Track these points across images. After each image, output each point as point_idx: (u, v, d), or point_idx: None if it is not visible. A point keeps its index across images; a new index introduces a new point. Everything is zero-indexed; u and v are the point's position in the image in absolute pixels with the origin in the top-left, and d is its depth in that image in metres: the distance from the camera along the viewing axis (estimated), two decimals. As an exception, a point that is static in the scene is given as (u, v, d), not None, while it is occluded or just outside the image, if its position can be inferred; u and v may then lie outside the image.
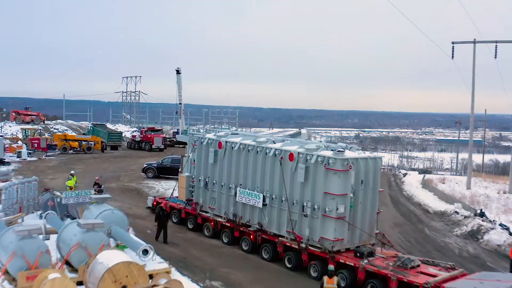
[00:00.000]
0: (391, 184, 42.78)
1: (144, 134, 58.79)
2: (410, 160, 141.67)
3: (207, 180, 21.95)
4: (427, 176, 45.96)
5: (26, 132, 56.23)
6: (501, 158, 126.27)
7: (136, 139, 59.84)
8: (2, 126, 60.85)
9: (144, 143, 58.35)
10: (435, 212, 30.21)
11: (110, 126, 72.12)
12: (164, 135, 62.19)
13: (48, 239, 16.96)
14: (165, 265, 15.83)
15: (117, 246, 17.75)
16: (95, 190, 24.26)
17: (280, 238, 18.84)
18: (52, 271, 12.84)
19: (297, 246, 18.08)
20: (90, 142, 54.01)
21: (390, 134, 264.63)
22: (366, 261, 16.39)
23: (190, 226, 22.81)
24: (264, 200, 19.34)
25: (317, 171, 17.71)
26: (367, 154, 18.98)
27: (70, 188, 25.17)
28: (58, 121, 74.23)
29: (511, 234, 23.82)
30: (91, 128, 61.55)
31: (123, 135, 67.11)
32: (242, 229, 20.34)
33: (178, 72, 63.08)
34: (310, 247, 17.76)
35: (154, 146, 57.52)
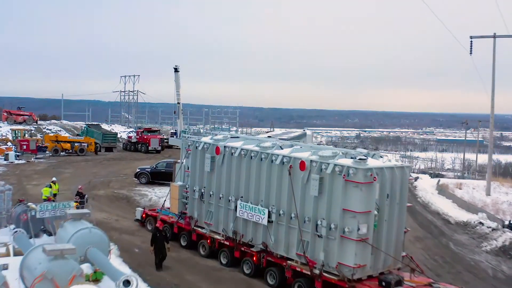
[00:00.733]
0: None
1: (140, 135, 55.62)
2: (411, 160, 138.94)
3: (203, 191, 18.78)
4: (441, 180, 42.74)
5: (16, 133, 53.07)
6: (502, 158, 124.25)
7: (132, 140, 56.66)
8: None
9: (140, 145, 55.16)
10: (457, 222, 27.04)
11: (105, 126, 68.92)
12: (161, 136, 59.00)
13: (6, 269, 13.85)
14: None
15: (94, 273, 14.70)
16: (76, 202, 21.11)
17: (288, 262, 15.68)
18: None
19: (309, 272, 14.93)
20: (83, 144, 50.83)
21: (391, 134, 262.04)
22: (395, 293, 13.29)
23: (183, 243, 19.62)
24: (269, 216, 16.20)
25: (334, 183, 14.57)
26: (393, 162, 15.77)
27: (47, 198, 21.99)
28: (52, 121, 71.08)
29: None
30: (85, 128, 58.34)
31: (119, 136, 63.96)
32: (243, 249, 17.17)
33: (176, 70, 60.01)
34: (325, 274, 14.61)
35: (150, 148, 54.33)
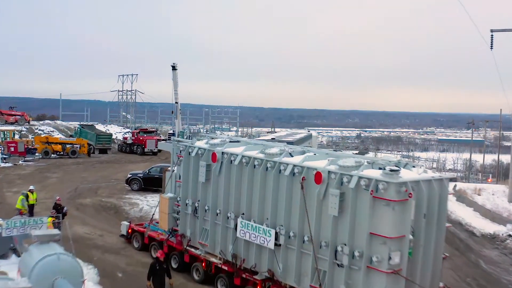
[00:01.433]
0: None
1: (136, 136, 52.56)
2: (412, 160, 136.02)
3: (197, 205, 15.74)
4: (457, 184, 39.61)
5: (5, 134, 50.01)
6: (503, 158, 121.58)
7: (127, 142, 53.62)
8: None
9: (136, 146, 52.11)
10: (483, 235, 24.00)
11: (101, 127, 65.79)
12: (158, 137, 55.96)
13: None
14: None
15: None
16: (52, 216, 18.07)
17: (300, 295, 12.69)
18: None
19: (326, 309, 11.94)
20: (75, 145, 47.80)
21: (392, 134, 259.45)
22: None
23: (174, 265, 16.53)
24: (277, 238, 13.17)
25: (358, 201, 11.56)
26: (430, 173, 12.69)
27: (20, 211, 18.96)
28: (46, 121, 68.05)
29: None
30: (79, 129, 55.24)
31: (115, 137, 60.92)
32: (245, 276, 14.12)
33: (174, 68, 56.93)
34: (346, 312, 11.63)
35: (146, 150, 51.28)
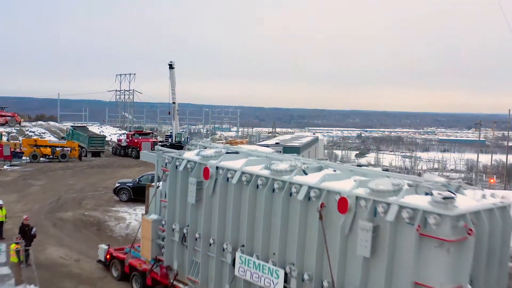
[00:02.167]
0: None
1: (130, 138, 49.45)
2: (414, 160, 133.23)
3: (186, 231, 12.63)
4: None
5: (-8, 136, 46.93)
6: (503, 158, 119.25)
7: (122, 144, 50.50)
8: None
9: (130, 149, 49.02)
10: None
11: (95, 128, 62.71)
12: (154, 139, 52.91)
13: None
14: None
15: None
16: (17, 243, 14.97)
17: None
18: None
19: None
20: (65, 149, 44.70)
21: (392, 134, 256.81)
22: None
23: (160, 303, 13.47)
24: (286, 280, 10.08)
25: (398, 238, 8.50)
26: (490, 199, 9.54)
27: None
28: (39, 122, 65.03)
29: None
30: (71, 131, 52.09)
31: (109, 139, 57.87)
32: (245, 324, 11.05)
33: (171, 66, 53.92)
34: None
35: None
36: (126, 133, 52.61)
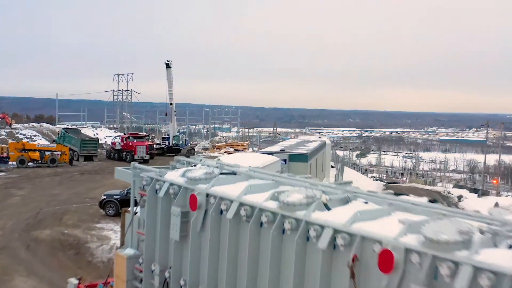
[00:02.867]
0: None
1: (124, 142, 46.52)
2: (415, 161, 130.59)
3: (168, 275, 9.65)
4: (487, 197, 33.66)
5: (-23, 140, 44.13)
6: (507, 158, 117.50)
7: (116, 148, 47.57)
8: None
9: (125, 153, 46.11)
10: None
11: (89, 130, 59.77)
12: (150, 142, 50.07)
13: None
14: None
15: None
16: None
17: None
18: None
19: None
20: (54, 153, 41.83)
21: (393, 134, 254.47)
22: None
23: None
24: None
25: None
26: None
27: None
28: (31, 124, 62.12)
29: None
30: (62, 134, 49.15)
31: (104, 142, 54.97)
32: None
33: (168, 65, 51.20)
34: None
35: (136, 157, 45.20)
36: (121, 136, 49.67)
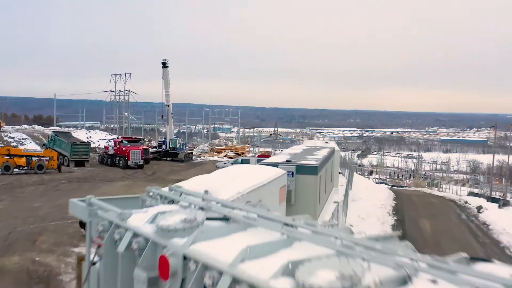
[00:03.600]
0: (471, 228, 27.30)
1: (118, 146, 43.34)
2: (416, 162, 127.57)
3: None
4: (509, 208, 30.54)
5: (-40, 144, 40.99)
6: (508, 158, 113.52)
7: (109, 152, 44.37)
8: None
9: (118, 158, 42.95)
10: None
11: (82, 133, 56.59)
12: (145, 146, 46.90)
13: None
14: None
15: None
16: None
17: None
18: None
19: None
20: (42, 158, 38.69)
21: (394, 134, 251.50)
22: None
23: None
24: None
25: None
26: None
27: None
28: (23, 126, 58.97)
29: None
30: (52, 137, 45.97)
31: (97, 145, 51.83)
32: None
33: (164, 65, 47.95)
34: None
35: (130, 162, 42.12)
36: (114, 139, 46.46)
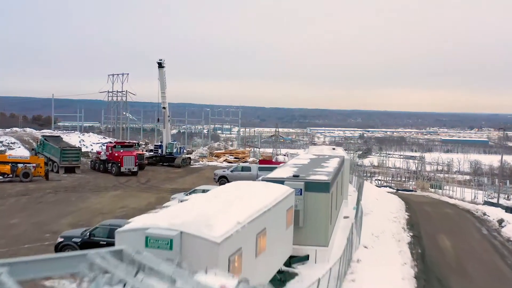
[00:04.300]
0: (496, 247, 24.41)
1: (110, 151, 40.39)
2: (420, 163, 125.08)
3: None
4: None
5: None
6: (510, 159, 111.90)
7: (101, 158, 41.42)
8: None
9: (110, 164, 40.01)
10: None
11: (75, 136, 53.59)
12: (140, 151, 44.01)
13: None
14: None
15: None
16: None
17: None
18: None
19: None
20: (28, 165, 35.80)
21: (395, 134, 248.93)
22: None
23: None
24: None
25: None
26: None
27: None
28: (14, 129, 56.09)
29: None
30: (41, 142, 43.01)
31: (90, 150, 48.89)
32: None
33: (160, 65, 45.05)
34: None
35: (123, 169, 39.17)
36: (106, 144, 43.38)
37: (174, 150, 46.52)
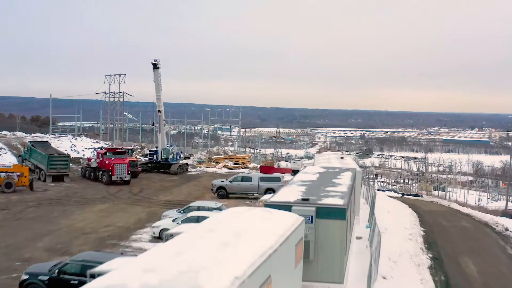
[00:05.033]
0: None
1: (101, 158, 37.43)
2: (424, 165, 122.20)
3: None
4: None
5: None
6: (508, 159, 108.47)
7: (91, 165, 38.42)
8: None
9: (101, 172, 37.06)
10: None
11: (67, 140, 50.61)
12: (133, 158, 41.08)
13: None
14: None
15: None
16: None
17: None
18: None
19: None
20: (11, 175, 32.85)
21: (395, 134, 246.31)
22: None
23: None
24: None
25: None
26: None
27: None
28: (3, 133, 53.20)
29: None
30: (28, 148, 40.06)
31: (82, 155, 45.91)
32: None
33: (155, 66, 42.11)
34: None
35: (115, 177, 36.20)
36: (97, 150, 40.35)
37: (170, 156, 43.55)
